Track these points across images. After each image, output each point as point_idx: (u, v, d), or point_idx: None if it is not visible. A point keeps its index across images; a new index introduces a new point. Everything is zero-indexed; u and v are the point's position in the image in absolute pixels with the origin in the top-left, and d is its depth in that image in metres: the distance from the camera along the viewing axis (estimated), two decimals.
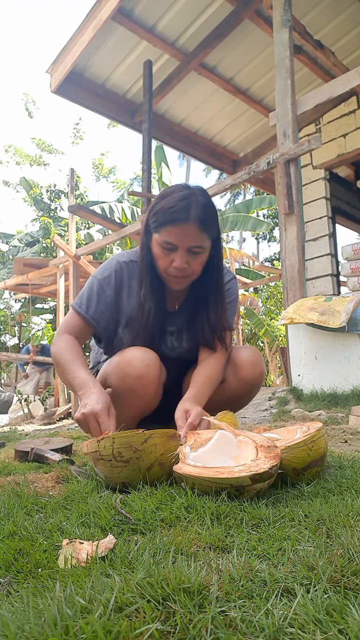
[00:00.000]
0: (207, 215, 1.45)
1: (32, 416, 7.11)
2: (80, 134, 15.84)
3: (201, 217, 1.43)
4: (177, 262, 1.46)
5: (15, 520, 0.91)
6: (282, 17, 4.32)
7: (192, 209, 1.42)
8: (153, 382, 1.47)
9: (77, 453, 1.85)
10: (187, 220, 1.41)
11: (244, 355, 1.64)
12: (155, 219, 1.48)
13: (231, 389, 1.63)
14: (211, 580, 0.60)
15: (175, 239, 1.44)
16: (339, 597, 0.56)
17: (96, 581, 0.61)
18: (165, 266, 1.49)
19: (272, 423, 3.03)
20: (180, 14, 5.30)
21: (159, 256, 1.49)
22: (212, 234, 1.50)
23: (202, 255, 1.50)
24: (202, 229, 1.44)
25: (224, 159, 7.65)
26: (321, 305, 3.63)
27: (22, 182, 14.16)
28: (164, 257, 1.48)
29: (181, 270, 1.47)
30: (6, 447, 2.25)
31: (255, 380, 1.63)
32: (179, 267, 1.46)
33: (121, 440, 1.13)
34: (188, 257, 1.47)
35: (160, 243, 1.46)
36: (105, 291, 1.59)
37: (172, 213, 1.42)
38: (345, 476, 1.19)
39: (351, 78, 3.95)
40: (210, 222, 1.47)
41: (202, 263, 1.52)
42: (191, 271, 1.50)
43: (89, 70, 6.02)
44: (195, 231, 1.43)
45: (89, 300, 1.58)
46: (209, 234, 1.48)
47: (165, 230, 1.44)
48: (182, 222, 1.41)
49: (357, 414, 2.61)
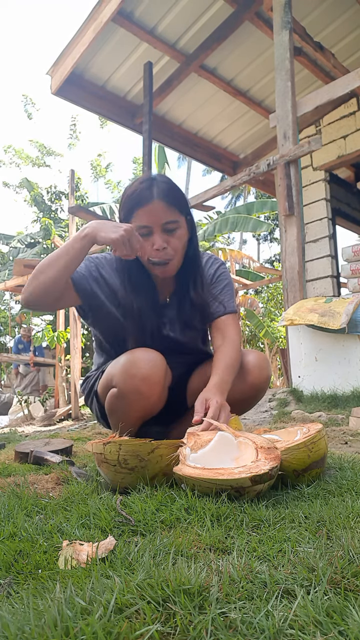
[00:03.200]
0: (171, 192, 1.47)
1: (32, 417, 7.11)
2: (77, 135, 15.85)
3: (165, 192, 1.46)
4: (156, 244, 1.46)
5: (15, 522, 0.91)
6: (283, 19, 4.33)
7: (154, 188, 1.45)
8: (159, 384, 1.46)
9: (77, 454, 1.85)
10: (151, 198, 1.44)
11: (252, 359, 1.63)
12: (124, 211, 1.49)
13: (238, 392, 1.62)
14: (211, 582, 0.59)
15: (147, 220, 1.45)
16: (339, 598, 0.56)
17: (96, 582, 0.61)
18: (147, 253, 1.48)
19: (273, 424, 3.03)
20: (180, 16, 5.31)
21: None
22: (183, 210, 1.51)
23: (179, 232, 1.50)
24: (169, 202, 1.46)
25: (224, 160, 7.66)
26: (321, 306, 3.63)
27: (24, 183, 14.16)
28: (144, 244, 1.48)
29: (163, 251, 1.47)
30: (6, 448, 2.25)
31: (262, 384, 1.63)
32: (159, 247, 1.46)
33: (128, 447, 1.12)
34: (165, 236, 1.47)
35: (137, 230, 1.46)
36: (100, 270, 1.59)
37: (137, 197, 1.45)
38: (346, 477, 1.19)
39: (351, 80, 3.95)
40: (177, 198, 1.49)
41: (181, 240, 1.52)
42: (172, 250, 1.49)
43: (90, 71, 6.03)
44: (164, 206, 1.45)
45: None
46: (178, 208, 1.48)
47: (136, 216, 1.46)
48: (147, 201, 1.44)
49: (357, 416, 2.61)
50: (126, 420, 1.48)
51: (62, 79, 5.77)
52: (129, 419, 1.49)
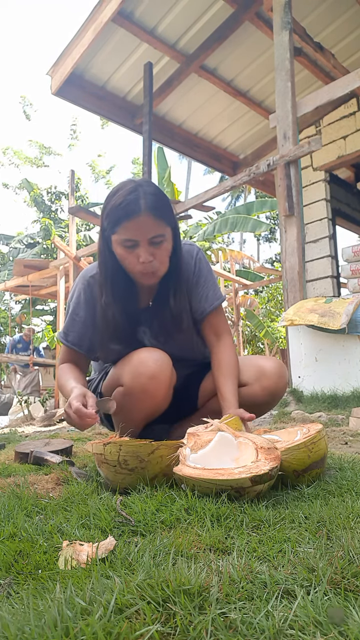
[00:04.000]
0: (158, 203, 1.43)
1: (32, 418, 7.11)
2: (77, 135, 15.87)
3: (152, 205, 1.41)
4: (142, 257, 1.43)
5: (15, 522, 0.91)
6: (283, 20, 4.33)
7: (142, 200, 1.39)
8: (165, 383, 1.47)
9: (77, 455, 1.85)
10: (139, 212, 1.39)
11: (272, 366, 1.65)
12: (108, 220, 1.45)
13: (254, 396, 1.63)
14: (211, 582, 0.59)
15: (134, 234, 1.41)
16: (339, 598, 0.56)
17: (96, 583, 0.61)
18: (133, 264, 1.46)
19: (273, 425, 3.03)
20: (180, 16, 5.31)
21: (123, 257, 1.46)
22: (170, 222, 1.48)
23: (164, 245, 1.47)
24: (156, 216, 1.42)
25: (224, 160, 7.66)
26: (321, 307, 3.63)
27: (24, 184, 14.17)
28: (129, 256, 1.45)
29: (149, 264, 1.45)
30: (6, 448, 2.25)
31: (278, 391, 1.65)
32: (146, 261, 1.43)
33: (128, 448, 1.12)
34: (151, 249, 1.44)
35: (121, 242, 1.43)
36: (78, 313, 1.59)
37: (123, 208, 1.39)
38: (346, 478, 1.19)
39: (351, 80, 3.96)
40: (164, 209, 1.45)
41: (168, 252, 1.49)
42: (158, 264, 1.47)
43: (90, 72, 6.04)
44: (151, 221, 1.41)
45: (67, 327, 1.61)
46: (165, 220, 1.45)
47: (122, 228, 1.41)
48: (135, 215, 1.39)
49: (358, 416, 2.61)
50: (131, 419, 1.49)
51: (62, 79, 5.78)
52: (134, 418, 1.49)
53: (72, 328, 1.60)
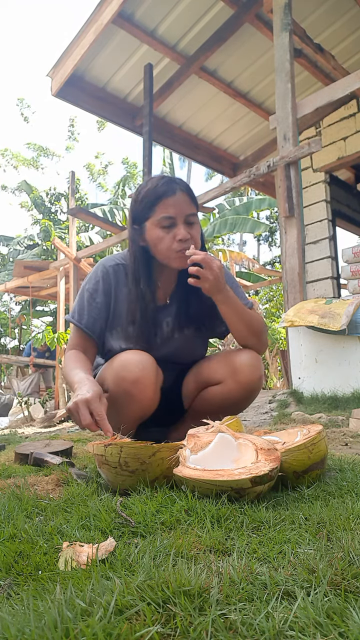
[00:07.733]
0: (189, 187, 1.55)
1: (33, 419, 7.10)
2: (75, 136, 15.89)
3: (185, 186, 1.53)
4: (181, 234, 1.48)
5: (15, 523, 0.91)
6: (282, 21, 4.34)
7: (175, 183, 1.51)
8: (149, 386, 1.45)
9: (77, 456, 1.85)
10: (175, 190, 1.49)
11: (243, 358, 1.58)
12: (143, 206, 1.52)
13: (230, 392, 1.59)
14: (211, 583, 0.59)
15: (173, 211, 1.48)
16: (339, 600, 0.55)
17: (96, 584, 0.61)
18: (169, 244, 1.49)
19: (273, 426, 3.03)
20: (180, 17, 5.32)
21: (159, 239, 1.49)
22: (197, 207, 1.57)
23: (197, 226, 1.55)
24: (191, 197, 1.53)
25: (224, 162, 7.67)
26: (321, 308, 3.63)
27: (23, 185, 14.18)
28: (166, 236, 1.49)
29: (186, 241, 1.49)
30: (6, 449, 2.24)
31: (254, 384, 1.58)
32: (184, 237, 1.47)
33: (129, 450, 1.12)
34: (187, 228, 1.51)
35: (158, 223, 1.49)
36: (95, 298, 1.59)
37: (160, 188, 1.49)
38: (346, 479, 1.19)
39: (351, 81, 3.96)
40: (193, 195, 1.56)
41: (199, 235, 1.56)
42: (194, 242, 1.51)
43: (90, 73, 6.05)
44: (187, 199, 1.51)
45: (81, 310, 1.60)
46: (194, 204, 1.55)
47: (160, 207, 1.49)
48: (172, 193, 1.49)
49: (358, 417, 2.60)
50: (120, 422, 1.48)
51: (62, 80, 5.78)
52: (123, 421, 1.49)
53: (88, 311, 1.59)
